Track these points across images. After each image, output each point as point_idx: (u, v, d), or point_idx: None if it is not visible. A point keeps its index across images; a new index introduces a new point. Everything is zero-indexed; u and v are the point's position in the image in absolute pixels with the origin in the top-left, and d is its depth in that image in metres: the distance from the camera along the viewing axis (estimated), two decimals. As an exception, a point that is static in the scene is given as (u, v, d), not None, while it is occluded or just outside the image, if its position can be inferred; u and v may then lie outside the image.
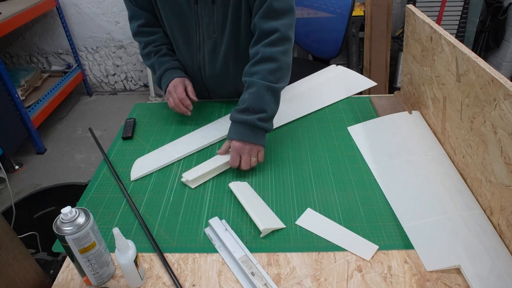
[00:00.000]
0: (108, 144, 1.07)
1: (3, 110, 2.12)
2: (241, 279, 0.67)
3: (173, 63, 1.11)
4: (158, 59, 1.11)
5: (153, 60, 1.11)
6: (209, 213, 0.82)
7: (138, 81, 3.21)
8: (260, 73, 0.89)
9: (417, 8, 1.00)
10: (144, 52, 1.13)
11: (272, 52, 0.89)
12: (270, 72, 0.89)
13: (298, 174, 0.91)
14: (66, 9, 2.83)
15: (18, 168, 2.33)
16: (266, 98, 0.88)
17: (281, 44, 0.90)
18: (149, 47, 1.11)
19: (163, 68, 1.10)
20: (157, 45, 1.11)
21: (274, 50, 0.89)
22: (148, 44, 1.11)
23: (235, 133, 0.89)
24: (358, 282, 0.66)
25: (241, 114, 0.89)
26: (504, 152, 0.66)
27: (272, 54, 0.89)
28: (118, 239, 0.61)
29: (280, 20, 0.90)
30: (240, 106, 0.90)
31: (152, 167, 0.95)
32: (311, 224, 0.78)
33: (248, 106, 0.88)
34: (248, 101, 0.88)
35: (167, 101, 1.08)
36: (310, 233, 0.76)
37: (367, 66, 2.54)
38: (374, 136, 1.01)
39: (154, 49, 1.11)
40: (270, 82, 0.89)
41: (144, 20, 1.09)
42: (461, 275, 0.66)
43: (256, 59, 0.91)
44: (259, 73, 0.89)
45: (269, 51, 0.89)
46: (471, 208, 0.75)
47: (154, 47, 1.11)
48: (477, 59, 0.72)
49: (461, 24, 2.57)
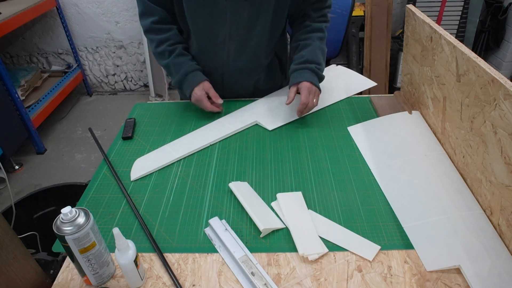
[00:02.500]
0: (108, 144, 1.07)
1: (3, 110, 2.12)
2: (241, 279, 0.67)
3: (191, 65, 1.10)
4: (174, 60, 1.10)
5: (169, 61, 1.10)
6: (209, 213, 0.82)
7: (138, 81, 3.21)
8: (311, 38, 1.09)
9: (417, 8, 1.00)
10: (157, 51, 1.11)
11: (320, 25, 1.12)
12: (319, 39, 1.10)
13: (298, 174, 0.91)
14: (66, 9, 2.83)
15: (18, 168, 2.33)
16: (319, 56, 1.08)
17: (326, 20, 1.14)
18: (163, 46, 1.09)
19: (182, 72, 1.09)
20: (171, 43, 1.09)
21: (322, 24, 1.12)
22: (162, 43, 1.09)
23: (302, 76, 1.04)
24: (358, 282, 0.66)
25: (302, 64, 1.06)
26: (504, 152, 0.66)
27: (320, 27, 1.11)
28: (118, 239, 0.61)
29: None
30: (299, 60, 1.06)
31: (152, 167, 0.94)
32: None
33: (307, 59, 1.05)
34: (306, 55, 1.06)
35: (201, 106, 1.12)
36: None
37: (367, 66, 2.54)
38: (374, 136, 1.01)
39: (169, 48, 1.09)
40: (320, 45, 1.09)
41: (158, 16, 1.07)
42: (461, 275, 0.66)
43: (306, 30, 1.11)
44: (311, 38, 1.09)
45: (318, 25, 1.11)
46: (471, 208, 0.75)
47: (169, 46, 1.09)
48: (477, 59, 0.72)
49: (461, 24, 2.58)
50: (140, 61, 3.07)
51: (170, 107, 1.22)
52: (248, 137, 1.06)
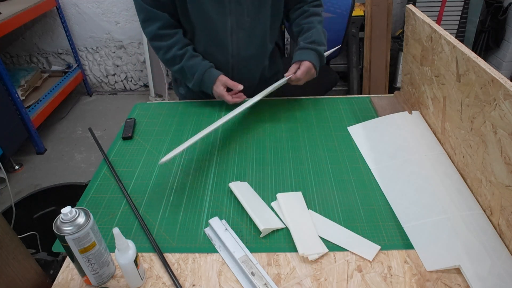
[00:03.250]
0: (108, 144, 1.07)
1: (3, 110, 2.12)
2: (241, 279, 0.67)
3: (204, 64, 1.11)
4: (187, 63, 1.10)
5: (182, 65, 1.11)
6: (209, 213, 0.82)
7: (138, 81, 3.21)
8: (313, 22, 1.14)
9: (417, 8, 1.00)
10: (167, 57, 1.11)
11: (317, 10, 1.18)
12: (319, 22, 1.16)
13: (298, 174, 0.91)
14: (66, 9, 2.83)
15: (18, 168, 2.33)
16: (323, 37, 1.13)
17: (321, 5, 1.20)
18: (172, 51, 1.09)
19: (199, 73, 1.10)
20: (180, 47, 1.10)
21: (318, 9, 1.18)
22: (171, 48, 1.10)
23: (307, 56, 1.09)
24: (358, 282, 0.66)
25: (311, 44, 1.10)
26: (504, 152, 0.66)
27: (318, 11, 1.17)
28: (118, 239, 0.61)
29: None
30: (307, 40, 1.11)
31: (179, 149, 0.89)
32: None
33: (314, 39, 1.10)
34: (313, 36, 1.11)
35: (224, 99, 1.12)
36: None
37: (367, 66, 2.54)
38: (374, 136, 1.01)
39: (179, 52, 1.10)
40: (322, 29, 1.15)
41: (162, 22, 1.07)
42: (461, 275, 0.66)
43: (306, 15, 1.16)
44: (313, 22, 1.14)
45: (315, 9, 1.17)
46: (471, 208, 0.75)
47: (178, 50, 1.10)
48: (477, 59, 0.72)
49: (461, 24, 2.58)
50: (140, 61, 3.07)
51: (170, 107, 1.22)
52: (248, 137, 1.06)
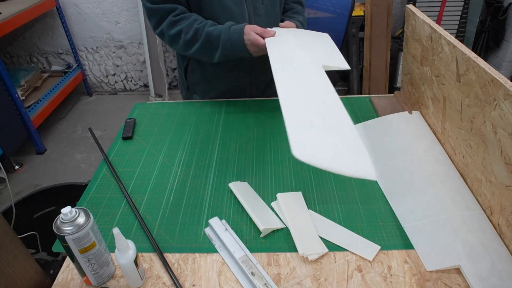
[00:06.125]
0: (108, 144, 1.07)
1: (3, 110, 2.12)
2: (241, 279, 0.67)
3: (226, 24, 1.04)
4: (209, 29, 1.04)
5: (204, 33, 1.04)
6: (209, 213, 0.82)
7: (138, 81, 3.21)
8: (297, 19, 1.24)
9: (417, 8, 1.00)
10: (188, 37, 1.05)
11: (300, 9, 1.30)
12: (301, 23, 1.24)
13: (298, 174, 0.91)
14: (66, 9, 2.83)
15: (18, 168, 2.33)
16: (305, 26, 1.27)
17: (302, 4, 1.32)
18: (192, 28, 1.04)
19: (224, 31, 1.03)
20: (200, 22, 1.05)
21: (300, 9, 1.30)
22: (191, 25, 1.04)
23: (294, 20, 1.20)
24: (358, 282, 0.66)
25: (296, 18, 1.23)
26: (504, 152, 0.66)
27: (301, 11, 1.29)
28: (118, 239, 0.61)
29: None
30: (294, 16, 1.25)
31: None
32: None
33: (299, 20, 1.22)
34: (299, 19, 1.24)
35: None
36: (310, 233, 0.76)
37: (367, 66, 2.54)
38: (374, 136, 1.01)
39: (199, 26, 1.04)
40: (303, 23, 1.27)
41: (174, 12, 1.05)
42: (461, 275, 0.66)
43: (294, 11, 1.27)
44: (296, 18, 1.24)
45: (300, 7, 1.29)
46: (471, 208, 0.75)
47: (198, 24, 1.04)
48: (477, 59, 0.72)
49: (461, 24, 2.58)
50: (140, 61, 3.07)
51: (170, 107, 1.22)
52: (248, 137, 1.06)
